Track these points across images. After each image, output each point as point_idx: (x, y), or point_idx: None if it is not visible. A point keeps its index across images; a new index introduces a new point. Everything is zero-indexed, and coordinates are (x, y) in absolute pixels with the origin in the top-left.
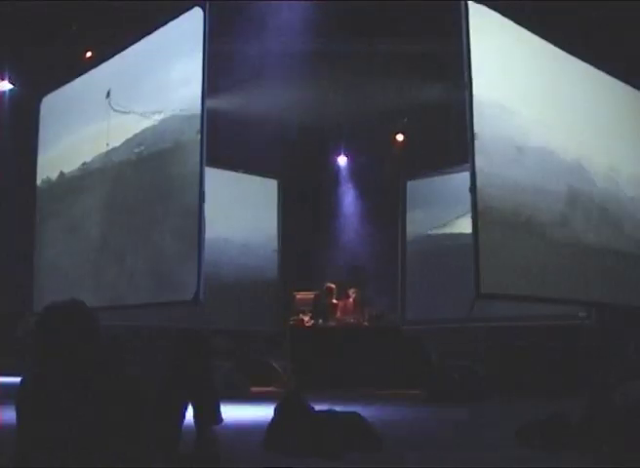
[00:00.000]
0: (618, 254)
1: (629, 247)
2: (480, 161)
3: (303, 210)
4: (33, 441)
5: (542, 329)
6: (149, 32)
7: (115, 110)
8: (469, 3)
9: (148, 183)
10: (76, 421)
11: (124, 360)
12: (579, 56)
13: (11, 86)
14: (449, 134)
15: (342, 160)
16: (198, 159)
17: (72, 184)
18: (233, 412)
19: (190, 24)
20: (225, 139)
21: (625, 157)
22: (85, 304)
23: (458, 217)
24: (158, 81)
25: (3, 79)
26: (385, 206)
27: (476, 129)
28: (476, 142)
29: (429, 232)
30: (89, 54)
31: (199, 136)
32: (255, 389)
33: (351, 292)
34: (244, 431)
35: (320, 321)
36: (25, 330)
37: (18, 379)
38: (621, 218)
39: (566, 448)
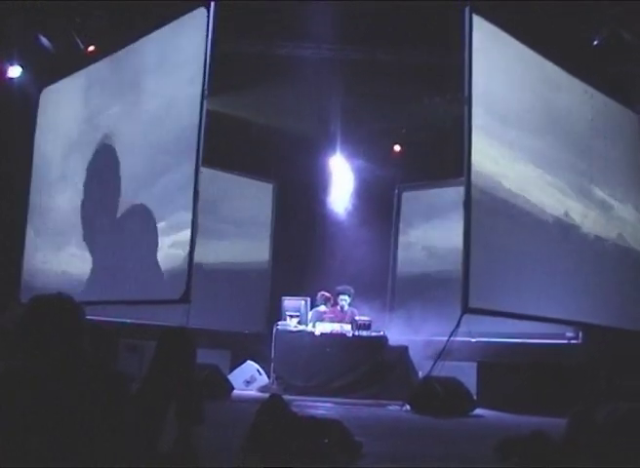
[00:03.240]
0: (606, 276)
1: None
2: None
3: (297, 214)
4: (10, 434)
5: (530, 346)
6: (152, 30)
7: (114, 105)
8: (474, 17)
9: (143, 180)
10: (57, 417)
11: (110, 356)
12: (575, 73)
13: (20, 71)
14: (446, 147)
15: (338, 167)
16: (194, 158)
17: (67, 178)
18: (214, 413)
19: (194, 24)
20: (222, 141)
21: (620, 177)
22: (72, 298)
23: (450, 230)
24: (159, 79)
25: (13, 64)
26: (380, 214)
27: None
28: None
29: (421, 243)
30: (91, 48)
31: (197, 135)
32: (237, 390)
33: (340, 299)
34: (224, 432)
35: (307, 326)
36: (12, 319)
37: None
38: (614, 237)
39: (544, 467)
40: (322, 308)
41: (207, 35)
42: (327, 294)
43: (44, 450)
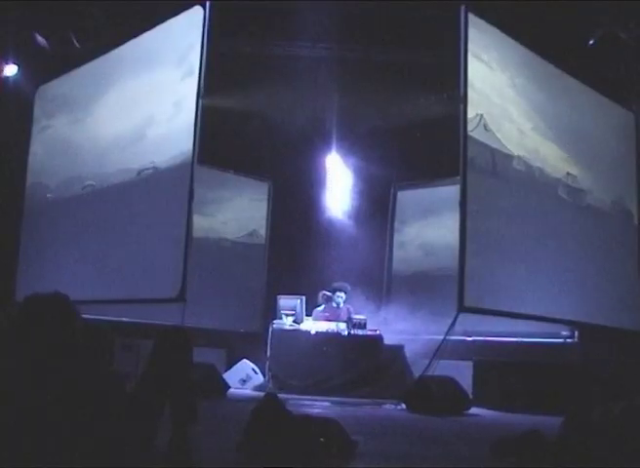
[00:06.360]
0: (601, 273)
1: (613, 263)
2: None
3: (293, 213)
4: (6, 433)
5: (525, 345)
6: (148, 29)
7: (110, 104)
8: (470, 16)
9: (138, 179)
10: (53, 416)
11: (106, 355)
12: (572, 73)
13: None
14: (442, 146)
15: (334, 165)
16: (190, 157)
17: (63, 178)
18: (210, 412)
19: (190, 23)
20: (218, 139)
21: (611, 174)
22: (68, 297)
23: (446, 228)
24: (154, 77)
25: (8, 63)
26: (375, 212)
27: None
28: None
29: (417, 242)
30: (87, 47)
31: (192, 134)
32: (232, 389)
33: (336, 295)
34: (220, 431)
35: (302, 325)
36: (8, 318)
37: None
38: (605, 232)
39: (540, 466)
40: (321, 308)
41: (203, 34)
42: (328, 294)
43: (41, 450)
